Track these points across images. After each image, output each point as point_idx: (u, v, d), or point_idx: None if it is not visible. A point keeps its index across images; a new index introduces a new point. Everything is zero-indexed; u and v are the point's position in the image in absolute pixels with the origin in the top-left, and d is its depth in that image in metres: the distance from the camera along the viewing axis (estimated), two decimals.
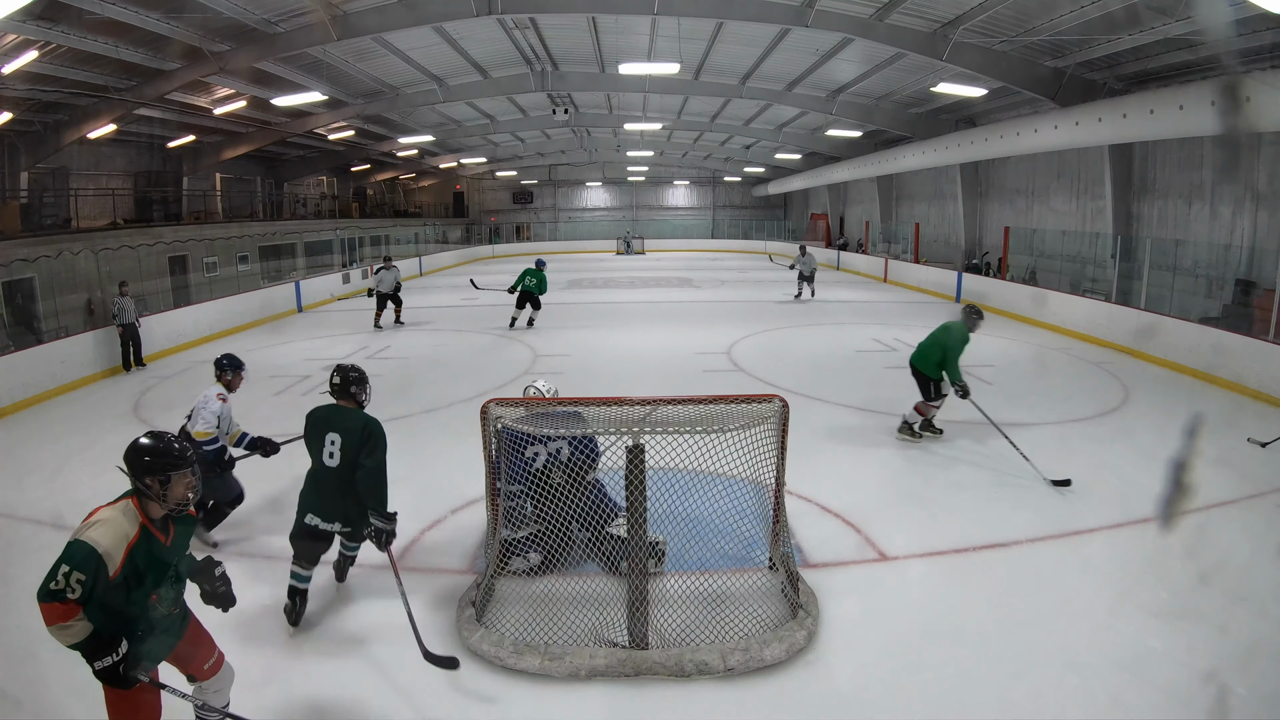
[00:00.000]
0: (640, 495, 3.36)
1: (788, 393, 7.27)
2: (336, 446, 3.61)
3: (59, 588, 2.17)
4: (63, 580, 2.17)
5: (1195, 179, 11.92)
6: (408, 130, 22.51)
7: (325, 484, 3.66)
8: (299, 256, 22.28)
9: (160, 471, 2.35)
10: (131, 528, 2.32)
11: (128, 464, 2.37)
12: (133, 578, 2.31)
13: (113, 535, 2.27)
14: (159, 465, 2.35)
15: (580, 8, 11.79)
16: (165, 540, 2.42)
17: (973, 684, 3.20)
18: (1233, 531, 4.66)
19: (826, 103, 17.40)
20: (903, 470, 5.76)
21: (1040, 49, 11.62)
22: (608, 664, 3.27)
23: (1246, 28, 8.88)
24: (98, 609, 2.26)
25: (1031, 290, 13.52)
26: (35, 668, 3.36)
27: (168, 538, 2.44)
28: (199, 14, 10.72)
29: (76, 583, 2.18)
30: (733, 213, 39.01)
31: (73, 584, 2.18)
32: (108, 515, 2.32)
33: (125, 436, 2.51)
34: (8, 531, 4.84)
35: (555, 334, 12.23)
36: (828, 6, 11.15)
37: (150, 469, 2.35)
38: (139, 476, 2.35)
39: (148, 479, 2.35)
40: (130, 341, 9.76)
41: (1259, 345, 8.22)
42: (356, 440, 3.57)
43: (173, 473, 2.37)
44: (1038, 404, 7.69)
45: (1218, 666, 3.25)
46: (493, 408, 3.64)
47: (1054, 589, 4.00)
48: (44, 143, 14.51)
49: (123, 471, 2.38)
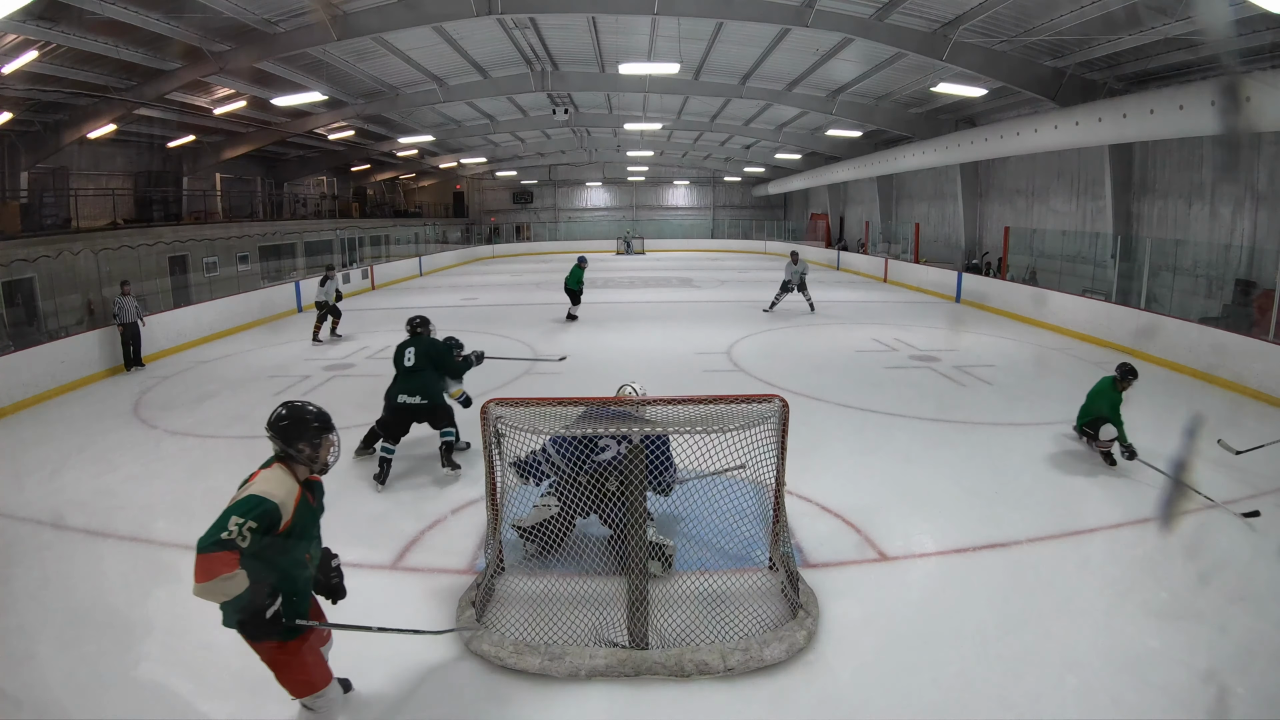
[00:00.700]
0: (640, 495, 3.36)
1: (788, 393, 7.27)
2: (413, 355, 5.63)
3: (230, 537, 2.24)
4: (235, 529, 2.24)
5: (1195, 179, 11.92)
6: (408, 130, 22.51)
7: (408, 378, 5.59)
8: (299, 256, 22.28)
9: (316, 435, 2.53)
10: (295, 486, 2.47)
11: (279, 431, 2.52)
12: (296, 532, 2.44)
13: (285, 489, 2.41)
14: (314, 430, 2.53)
15: (580, 8, 11.78)
16: (312, 502, 2.59)
17: (973, 684, 3.20)
18: (1233, 531, 4.66)
19: (826, 103, 17.40)
20: (903, 470, 5.76)
21: (1040, 49, 11.62)
22: (608, 664, 3.27)
23: (1246, 28, 8.88)
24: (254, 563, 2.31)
25: (1031, 290, 13.52)
26: (35, 668, 3.36)
27: (314, 500, 2.60)
28: (199, 14, 10.73)
29: (249, 531, 2.27)
30: (733, 213, 39.01)
31: (244, 533, 2.26)
32: (272, 474, 2.45)
33: (125, 436, 2.54)
34: (8, 531, 4.84)
35: (555, 333, 12.23)
36: (828, 6, 11.15)
37: (304, 434, 2.51)
38: (291, 443, 2.50)
39: (300, 444, 2.51)
40: (131, 341, 9.76)
41: (1259, 345, 8.22)
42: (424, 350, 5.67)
43: (326, 435, 2.55)
44: (1038, 404, 7.69)
45: (1218, 666, 3.25)
46: (493, 408, 3.64)
47: (1054, 589, 4.00)
48: (44, 143, 14.52)
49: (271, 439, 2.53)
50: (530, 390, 8.35)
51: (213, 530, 2.25)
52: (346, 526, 4.77)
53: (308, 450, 2.52)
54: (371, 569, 4.21)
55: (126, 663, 3.38)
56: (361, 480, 5.58)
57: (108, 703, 3.10)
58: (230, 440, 6.79)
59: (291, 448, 2.51)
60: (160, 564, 4.36)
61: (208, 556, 2.23)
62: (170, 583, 4.15)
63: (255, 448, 6.55)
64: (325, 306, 12.06)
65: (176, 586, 4.10)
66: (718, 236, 37.69)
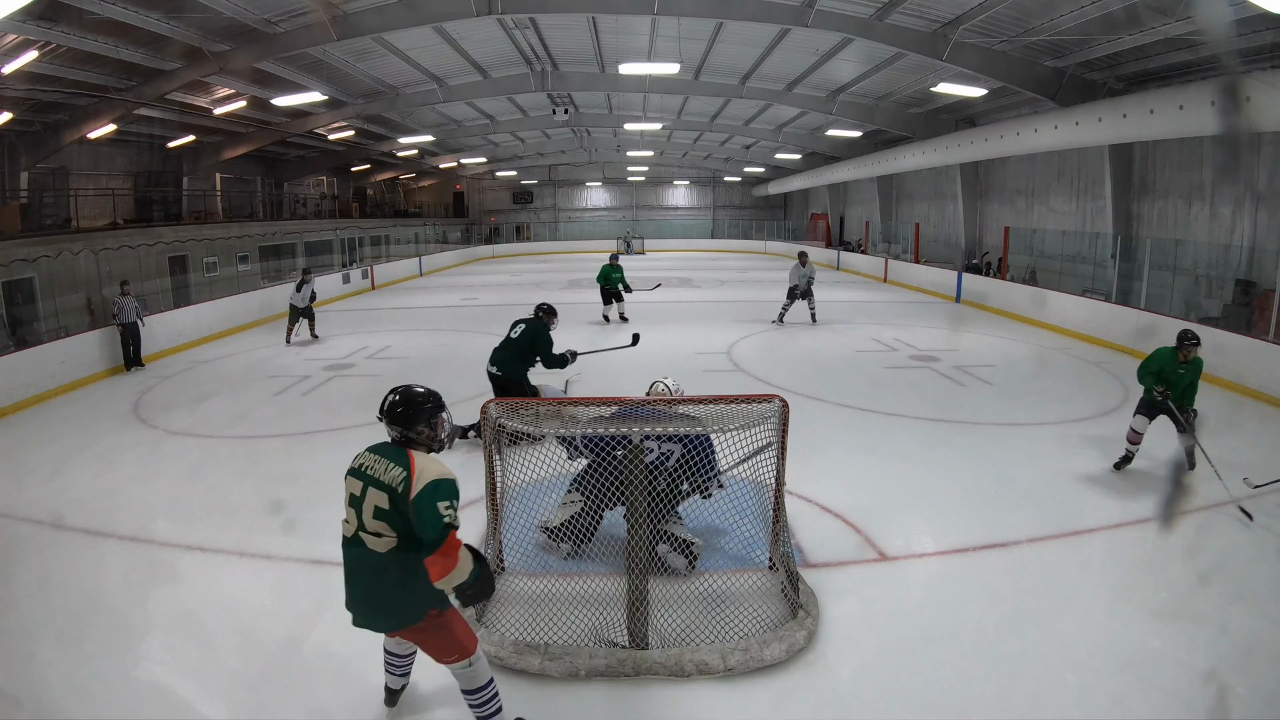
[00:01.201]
0: (640, 495, 3.36)
1: (788, 393, 7.27)
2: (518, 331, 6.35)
3: (450, 520, 2.35)
4: (452, 514, 2.37)
5: (1195, 179, 11.92)
6: (408, 130, 22.51)
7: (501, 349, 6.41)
8: (299, 256, 22.28)
9: (432, 415, 2.58)
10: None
11: (400, 418, 2.55)
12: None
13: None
14: (429, 411, 2.58)
15: (580, 8, 11.79)
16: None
17: (973, 684, 3.20)
18: (1233, 531, 4.65)
19: (826, 103, 17.40)
20: (903, 470, 5.76)
21: (1040, 49, 11.63)
22: (608, 664, 3.26)
23: (1246, 28, 8.88)
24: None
25: (1031, 290, 13.52)
26: (35, 668, 3.36)
27: None
28: (199, 14, 10.73)
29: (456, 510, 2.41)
30: (733, 213, 39.01)
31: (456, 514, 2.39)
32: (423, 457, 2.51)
33: (125, 436, 2.55)
34: (8, 531, 4.84)
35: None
36: (828, 6, 11.15)
37: (425, 416, 2.56)
38: (411, 425, 2.54)
39: (420, 426, 2.55)
40: (130, 341, 9.76)
41: (1259, 345, 8.22)
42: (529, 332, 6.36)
43: (440, 414, 2.61)
44: (1038, 404, 7.69)
45: (1218, 666, 3.25)
46: (493, 408, 3.64)
47: (1054, 589, 3.99)
48: (44, 143, 14.52)
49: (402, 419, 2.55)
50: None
51: (434, 524, 2.33)
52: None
53: (426, 431, 2.58)
54: None
55: (126, 663, 3.37)
56: None
57: (108, 703, 3.10)
58: (230, 440, 6.79)
59: (411, 431, 2.56)
60: (160, 564, 4.36)
61: (447, 544, 2.33)
62: (170, 583, 4.16)
63: (255, 448, 6.60)
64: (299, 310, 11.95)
65: (176, 586, 4.12)
66: (718, 236, 37.70)
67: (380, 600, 2.53)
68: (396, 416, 2.55)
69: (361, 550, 2.50)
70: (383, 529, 2.46)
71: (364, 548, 2.49)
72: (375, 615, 2.58)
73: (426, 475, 2.42)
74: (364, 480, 2.50)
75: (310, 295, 12.19)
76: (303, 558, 4.34)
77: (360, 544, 2.50)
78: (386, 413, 2.57)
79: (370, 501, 2.47)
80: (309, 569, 4.22)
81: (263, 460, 6.27)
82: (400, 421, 2.55)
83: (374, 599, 2.54)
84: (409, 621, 2.56)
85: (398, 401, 2.58)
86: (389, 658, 2.93)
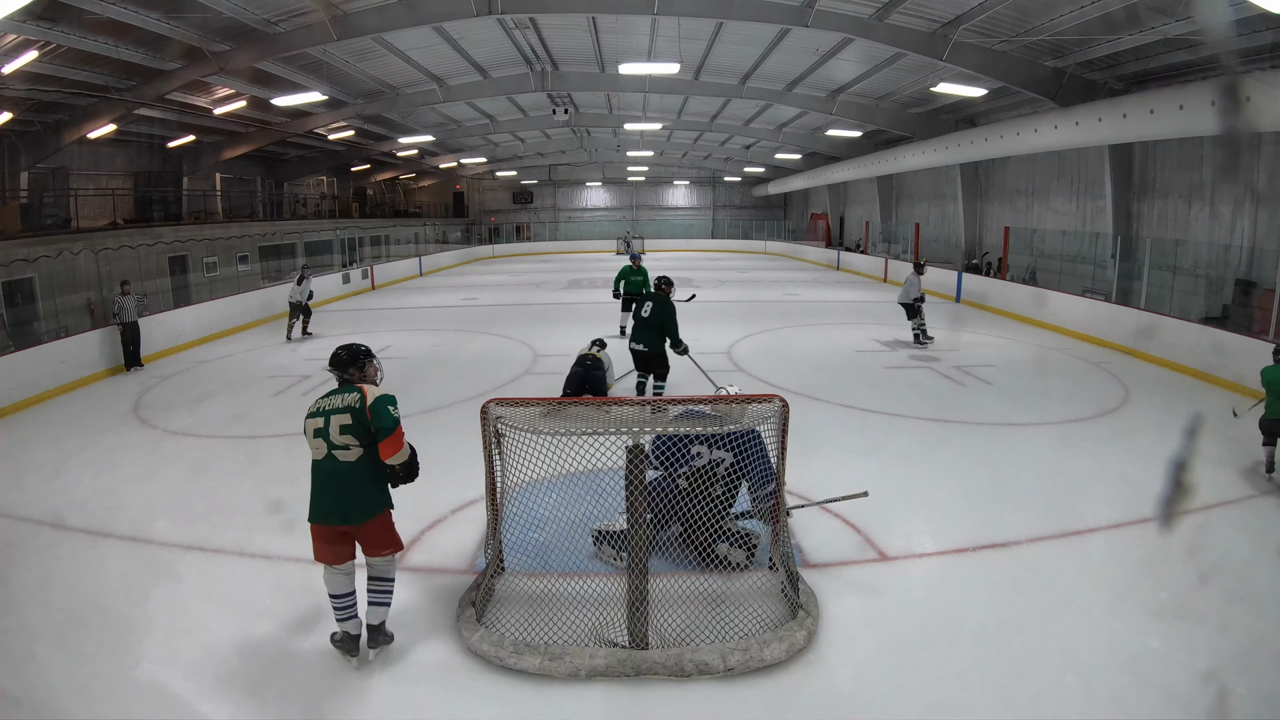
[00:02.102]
0: (640, 495, 3.36)
1: (788, 393, 7.28)
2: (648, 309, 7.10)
3: (397, 416, 3.28)
4: (397, 413, 3.28)
5: (1195, 179, 11.92)
6: (408, 130, 22.51)
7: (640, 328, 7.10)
8: (299, 256, 22.27)
9: (365, 361, 3.45)
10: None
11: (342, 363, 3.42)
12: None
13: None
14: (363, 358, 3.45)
15: (580, 7, 11.79)
16: None
17: (973, 684, 3.20)
18: (1233, 531, 4.66)
19: (826, 103, 17.40)
20: (903, 470, 5.76)
21: (1040, 49, 11.62)
22: (608, 664, 3.26)
23: (1246, 28, 8.88)
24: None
25: (1031, 290, 13.52)
26: (35, 668, 3.36)
27: None
28: (199, 14, 10.73)
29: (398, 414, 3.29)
30: (733, 213, 39.01)
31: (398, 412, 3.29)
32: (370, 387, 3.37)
33: (125, 436, 2.54)
34: (8, 531, 4.84)
35: (555, 334, 12.22)
36: (828, 6, 11.15)
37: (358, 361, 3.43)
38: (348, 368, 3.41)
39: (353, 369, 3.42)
40: (131, 341, 9.76)
41: (1259, 345, 8.20)
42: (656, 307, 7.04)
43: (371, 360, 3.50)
44: (1038, 404, 7.69)
45: (1218, 666, 3.25)
46: (493, 408, 3.64)
47: (1054, 589, 4.00)
48: (44, 143, 14.51)
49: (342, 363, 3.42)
50: (530, 390, 8.34)
51: (387, 418, 3.23)
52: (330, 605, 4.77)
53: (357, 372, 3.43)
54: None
55: (126, 663, 3.37)
56: None
57: (108, 703, 3.10)
58: (230, 440, 6.79)
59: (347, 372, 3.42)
60: (160, 564, 4.36)
61: (397, 434, 3.24)
62: (170, 583, 4.16)
63: (255, 447, 6.60)
64: (299, 307, 12.31)
65: (176, 586, 4.12)
66: (718, 236, 37.72)
67: (353, 497, 3.25)
68: (340, 361, 3.43)
69: (334, 464, 3.24)
70: (350, 442, 3.23)
71: (337, 462, 3.24)
72: (350, 508, 3.26)
73: (375, 393, 3.30)
74: (324, 415, 3.26)
75: (308, 293, 12.36)
76: (303, 558, 4.32)
77: (333, 460, 3.24)
78: (332, 361, 3.46)
79: (335, 424, 3.23)
80: (309, 569, 4.20)
81: (263, 460, 6.27)
82: (342, 365, 3.43)
83: (347, 497, 3.25)
84: (373, 513, 3.30)
85: (340, 352, 3.46)
86: (335, 602, 3.36)
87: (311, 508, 3.26)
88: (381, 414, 3.23)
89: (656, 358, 7.16)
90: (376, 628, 3.40)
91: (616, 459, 3.41)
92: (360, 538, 3.33)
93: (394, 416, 3.25)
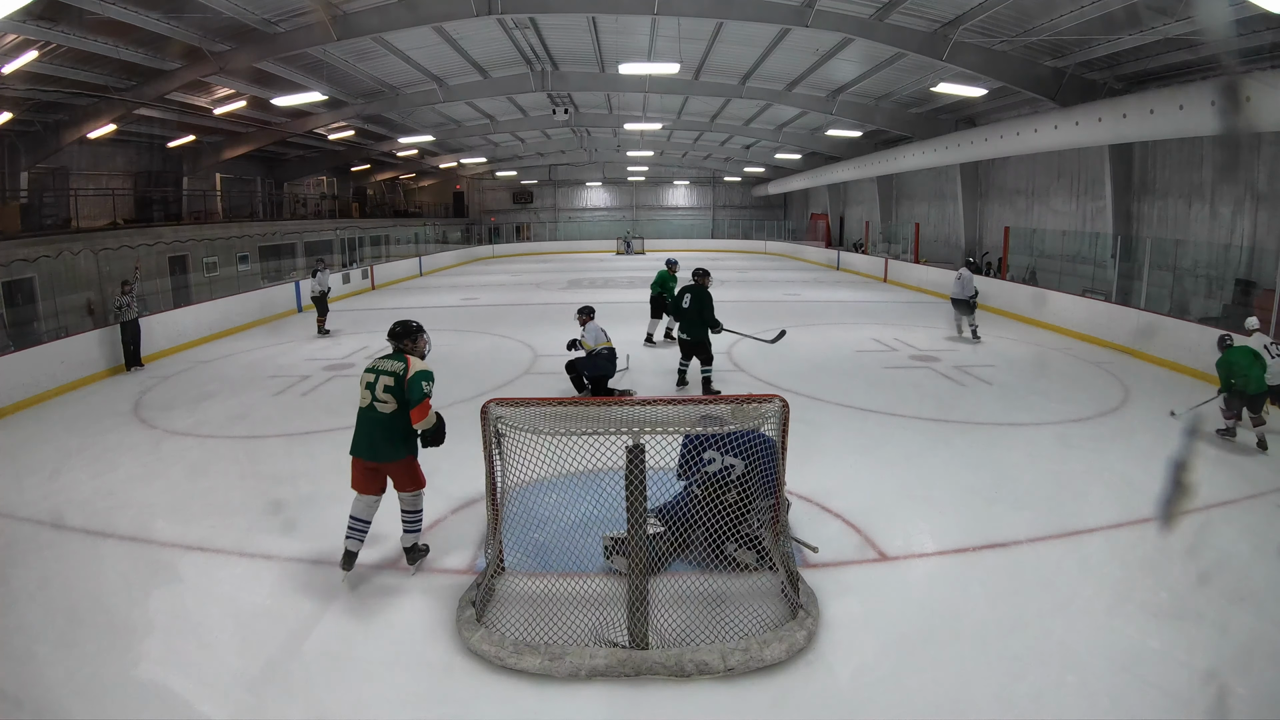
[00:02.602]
0: (640, 495, 3.36)
1: (788, 393, 7.27)
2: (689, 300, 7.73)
3: (428, 392, 3.97)
4: (429, 388, 3.99)
5: (1195, 179, 11.92)
6: (408, 130, 22.51)
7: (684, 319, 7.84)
8: (299, 256, 22.28)
9: (416, 335, 4.22)
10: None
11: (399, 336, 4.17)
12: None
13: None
14: (415, 333, 4.22)
15: (580, 7, 11.79)
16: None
17: (973, 684, 3.20)
18: (1233, 531, 4.65)
19: (826, 103, 17.40)
20: (903, 470, 5.76)
21: (1040, 49, 11.63)
22: (608, 664, 3.26)
23: (1246, 28, 8.88)
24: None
25: (1031, 290, 13.52)
26: (35, 668, 3.36)
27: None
28: (199, 14, 10.73)
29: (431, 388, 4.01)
30: (733, 213, 39.02)
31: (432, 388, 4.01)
32: (416, 360, 4.09)
33: (125, 436, 2.54)
34: (8, 531, 4.84)
35: (555, 334, 12.20)
36: (828, 6, 11.15)
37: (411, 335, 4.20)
38: (402, 340, 4.17)
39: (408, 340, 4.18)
40: (131, 341, 9.76)
41: None
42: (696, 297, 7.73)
43: (422, 335, 4.27)
44: (1038, 404, 7.69)
45: (1218, 666, 3.25)
46: (493, 408, 3.64)
47: (1054, 589, 4.00)
48: (44, 143, 14.52)
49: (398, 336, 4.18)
50: (530, 390, 8.35)
51: (418, 392, 3.93)
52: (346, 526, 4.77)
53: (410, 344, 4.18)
54: (371, 568, 4.21)
55: (126, 663, 3.37)
56: None
57: (108, 703, 3.10)
58: (230, 440, 6.79)
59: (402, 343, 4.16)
60: (160, 564, 4.36)
61: (424, 405, 3.94)
62: (170, 583, 4.17)
63: (255, 447, 6.60)
64: (318, 301, 12.65)
65: (177, 586, 4.12)
66: (718, 236, 37.71)
67: (382, 442, 4.01)
68: (396, 334, 4.20)
69: (374, 413, 4.00)
70: (388, 399, 3.98)
71: (376, 411, 3.99)
72: (379, 450, 4.02)
73: (417, 367, 4.03)
74: (375, 373, 4.05)
75: (325, 287, 12.72)
76: (303, 558, 4.35)
77: (373, 409, 4.00)
78: (389, 333, 4.22)
79: (381, 383, 3.99)
80: (309, 569, 4.22)
81: (263, 460, 6.27)
82: (397, 337, 4.19)
83: (378, 441, 4.01)
84: (398, 456, 4.04)
85: (396, 326, 4.23)
86: (353, 523, 4.06)
87: (353, 443, 4.07)
88: (415, 388, 3.94)
89: (701, 345, 7.81)
90: (411, 549, 4.19)
91: (617, 459, 3.41)
92: (390, 474, 4.09)
93: (424, 391, 3.94)
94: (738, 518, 3.84)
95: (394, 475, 4.09)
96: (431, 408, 3.95)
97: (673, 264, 11.13)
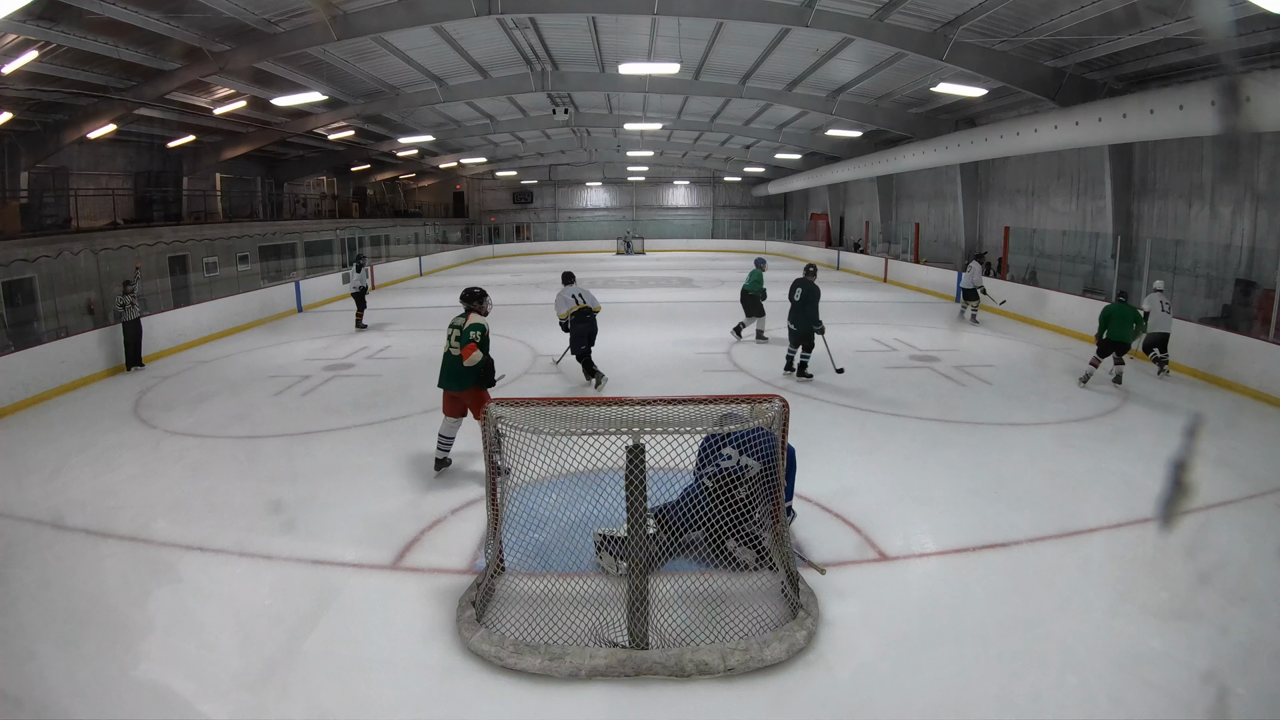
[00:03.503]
0: (640, 495, 3.36)
1: (788, 393, 7.28)
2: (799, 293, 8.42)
3: (475, 338, 5.26)
4: (478, 335, 5.28)
5: (1195, 179, 11.93)
6: (408, 130, 22.51)
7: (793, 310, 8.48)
8: (299, 256, 22.28)
9: (480, 299, 5.56)
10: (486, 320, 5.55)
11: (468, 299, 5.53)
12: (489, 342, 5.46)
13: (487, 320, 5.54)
14: (479, 297, 5.58)
15: (580, 8, 11.79)
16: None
17: (973, 684, 3.20)
18: (1233, 531, 4.66)
19: (826, 103, 17.41)
20: (903, 470, 5.76)
21: (1040, 49, 11.63)
22: (608, 664, 3.26)
23: (1246, 28, 8.89)
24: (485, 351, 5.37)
25: (1031, 290, 13.52)
26: (35, 668, 3.36)
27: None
28: (199, 14, 10.73)
29: (482, 335, 5.34)
30: (733, 213, 39.02)
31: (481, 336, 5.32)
32: (476, 316, 5.43)
33: (125, 436, 2.54)
34: (8, 531, 4.83)
35: (555, 333, 12.20)
36: (828, 6, 11.15)
37: (476, 299, 5.55)
38: (469, 302, 5.53)
39: (474, 302, 5.53)
40: (132, 341, 9.75)
41: (1259, 345, 8.22)
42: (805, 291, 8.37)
43: (485, 298, 5.62)
44: (1038, 404, 7.69)
45: (1218, 666, 3.25)
46: (493, 408, 3.64)
47: (1054, 589, 4.00)
48: (44, 143, 14.52)
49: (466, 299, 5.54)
50: (530, 390, 8.35)
51: (465, 337, 5.25)
52: (346, 526, 4.78)
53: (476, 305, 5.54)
54: (371, 569, 4.21)
55: (126, 663, 3.37)
56: (362, 481, 5.60)
57: (108, 703, 3.10)
58: (230, 440, 6.79)
59: (469, 305, 5.50)
60: (160, 564, 4.36)
61: (469, 347, 5.23)
62: (170, 583, 4.16)
63: (255, 447, 6.60)
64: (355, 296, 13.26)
65: (176, 586, 4.12)
66: (718, 236, 37.71)
67: (453, 375, 5.41)
68: (464, 298, 5.57)
69: (450, 355, 5.39)
70: (457, 345, 5.33)
71: (451, 354, 5.37)
72: (452, 381, 5.43)
73: (474, 320, 5.38)
74: (452, 326, 5.46)
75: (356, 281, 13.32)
76: (303, 558, 4.34)
77: (450, 353, 5.39)
78: (461, 295, 5.60)
79: (452, 333, 5.42)
80: (309, 569, 4.22)
81: (263, 460, 6.27)
82: (467, 300, 5.55)
83: (451, 374, 5.42)
84: (465, 386, 5.41)
85: (464, 292, 5.60)
86: (441, 440, 5.59)
87: (439, 378, 5.49)
88: (466, 334, 5.28)
89: (805, 335, 8.47)
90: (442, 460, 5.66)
91: (617, 459, 3.41)
92: (465, 402, 5.46)
93: (470, 337, 5.25)
94: (741, 515, 3.84)
95: (468, 402, 5.44)
96: (477, 349, 5.23)
97: (761, 263, 11.88)
